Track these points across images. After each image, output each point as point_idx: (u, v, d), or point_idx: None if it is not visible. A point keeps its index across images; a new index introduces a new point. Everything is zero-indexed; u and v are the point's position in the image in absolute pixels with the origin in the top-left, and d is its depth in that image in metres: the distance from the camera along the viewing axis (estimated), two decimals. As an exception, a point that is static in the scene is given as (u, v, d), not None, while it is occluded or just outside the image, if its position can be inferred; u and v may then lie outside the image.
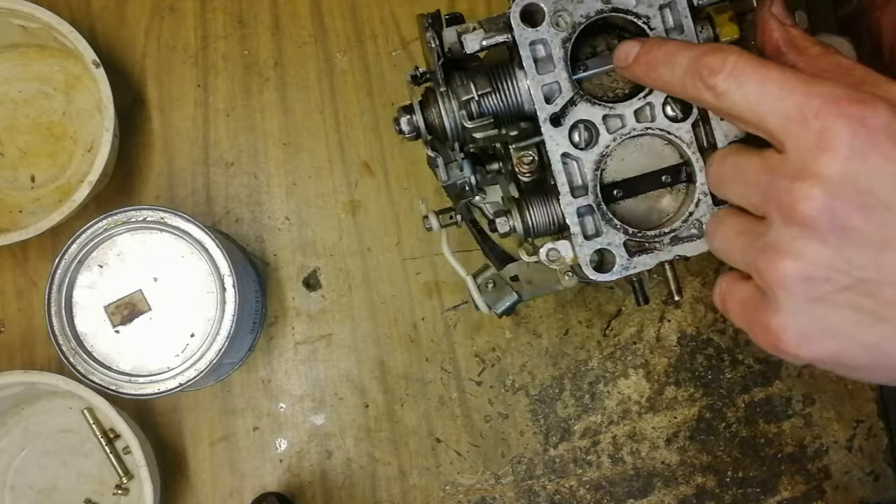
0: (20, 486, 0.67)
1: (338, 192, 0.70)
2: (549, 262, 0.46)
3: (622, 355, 0.70)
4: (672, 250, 0.46)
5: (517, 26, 0.44)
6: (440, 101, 0.47)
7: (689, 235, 0.46)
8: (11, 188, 0.70)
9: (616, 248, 0.46)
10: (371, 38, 0.71)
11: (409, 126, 0.49)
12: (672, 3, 0.45)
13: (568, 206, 0.46)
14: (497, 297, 0.57)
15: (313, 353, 0.69)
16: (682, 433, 0.70)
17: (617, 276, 0.46)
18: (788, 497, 0.70)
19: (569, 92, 0.45)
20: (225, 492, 0.68)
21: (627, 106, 0.45)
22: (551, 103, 0.45)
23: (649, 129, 0.46)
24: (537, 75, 0.45)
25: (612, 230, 0.46)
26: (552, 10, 0.44)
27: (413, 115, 0.49)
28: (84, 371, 0.59)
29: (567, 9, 0.45)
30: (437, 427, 0.69)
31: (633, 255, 0.46)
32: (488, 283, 0.58)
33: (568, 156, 0.46)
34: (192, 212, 0.65)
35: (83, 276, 0.60)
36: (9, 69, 0.70)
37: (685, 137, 0.46)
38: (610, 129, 0.46)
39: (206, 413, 0.69)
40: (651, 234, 0.46)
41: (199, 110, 0.71)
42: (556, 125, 0.45)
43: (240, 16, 0.71)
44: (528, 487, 0.69)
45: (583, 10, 0.45)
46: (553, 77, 0.45)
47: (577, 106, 0.45)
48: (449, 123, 0.47)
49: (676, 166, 0.47)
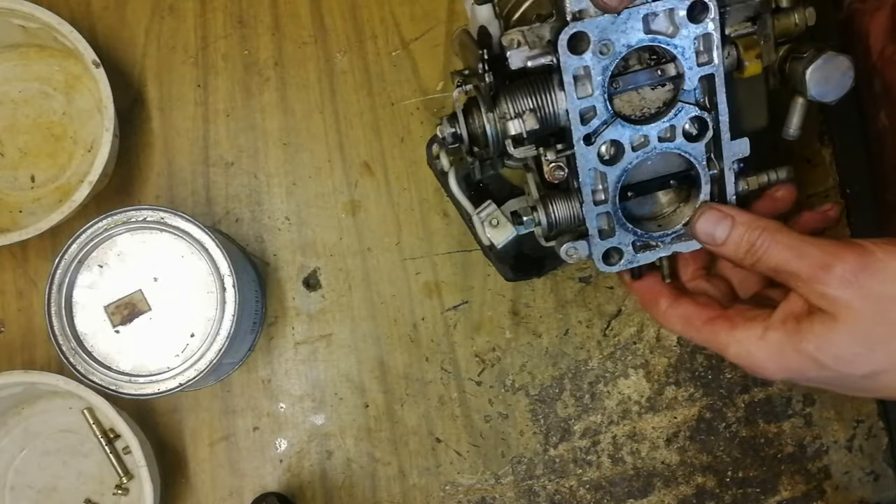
0: (20, 486, 0.67)
1: (338, 192, 0.70)
2: (568, 257, 0.51)
3: (622, 355, 0.70)
4: (671, 248, 0.52)
5: (563, 53, 0.47)
6: (486, 122, 0.50)
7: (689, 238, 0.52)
8: (11, 188, 0.70)
9: (625, 247, 0.51)
10: (371, 38, 0.71)
11: (453, 137, 0.52)
12: (707, 35, 0.47)
13: (589, 212, 0.50)
14: (499, 233, 0.61)
15: (313, 353, 0.69)
16: (682, 433, 0.70)
17: (622, 268, 0.52)
18: (788, 497, 0.70)
19: (603, 114, 0.48)
20: (225, 492, 0.68)
21: (653, 128, 0.49)
22: (586, 124, 0.48)
23: (668, 147, 0.50)
24: (576, 99, 0.48)
25: (623, 232, 0.51)
26: (598, 38, 0.47)
27: (457, 126, 0.52)
28: (84, 371, 0.59)
29: (611, 38, 0.47)
30: (437, 427, 0.69)
31: (637, 252, 0.52)
32: (492, 220, 0.61)
33: (594, 170, 0.50)
34: (192, 212, 0.65)
35: (83, 276, 0.60)
36: (9, 69, 0.70)
37: (699, 156, 0.50)
38: (635, 146, 0.49)
39: (206, 413, 0.69)
40: (657, 236, 0.51)
41: (199, 110, 0.71)
42: (588, 143, 0.49)
43: (240, 16, 0.71)
44: (528, 487, 0.69)
45: (625, 39, 0.47)
46: (591, 101, 0.48)
47: (610, 127, 0.49)
48: (491, 141, 0.51)
49: (683, 173, 0.51)
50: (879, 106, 0.68)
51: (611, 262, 0.52)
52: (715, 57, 0.48)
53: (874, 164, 0.71)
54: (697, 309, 0.50)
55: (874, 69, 0.67)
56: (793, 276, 0.45)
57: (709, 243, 0.49)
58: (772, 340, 0.46)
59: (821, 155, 0.72)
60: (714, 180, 0.51)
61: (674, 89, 0.50)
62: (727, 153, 0.50)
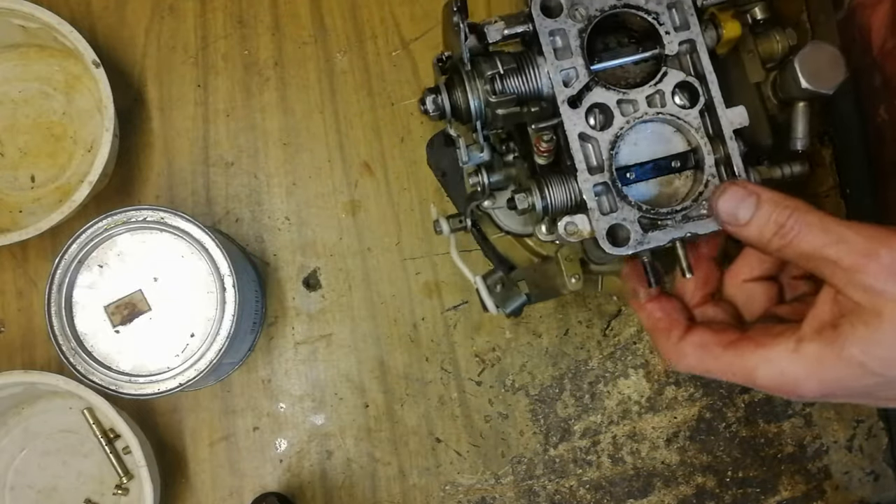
0: (20, 486, 0.67)
1: (338, 192, 0.70)
2: (568, 235, 0.48)
3: (622, 355, 0.70)
4: (684, 227, 0.48)
5: (537, 16, 0.48)
6: (466, 80, 0.50)
7: (699, 215, 0.48)
8: (11, 188, 0.70)
9: (631, 224, 0.47)
10: (371, 38, 0.71)
11: (434, 105, 0.51)
12: (678, 3, 0.48)
13: (585, 182, 0.48)
14: (506, 298, 0.59)
15: (313, 353, 0.69)
16: (682, 433, 0.70)
17: (632, 250, 0.47)
18: (788, 497, 0.70)
19: (585, 77, 0.48)
20: (225, 492, 0.68)
21: (640, 92, 0.48)
22: (569, 87, 0.48)
23: (660, 113, 0.48)
24: (556, 61, 0.48)
25: (626, 206, 0.48)
26: (569, 2, 0.48)
27: (439, 95, 0.51)
28: (84, 371, 0.59)
29: (583, 2, 0.48)
30: (437, 427, 0.69)
31: (646, 231, 0.47)
32: (497, 285, 0.60)
33: (584, 136, 0.48)
34: (192, 212, 0.65)
35: (83, 276, 0.60)
36: (9, 69, 0.70)
37: (693, 123, 0.48)
38: (624, 112, 0.48)
39: (206, 413, 0.69)
40: (664, 212, 0.48)
41: (199, 110, 0.71)
42: (574, 107, 0.48)
43: (240, 16, 0.71)
44: (528, 487, 0.69)
45: (598, 3, 0.48)
46: (570, 63, 0.48)
47: (593, 90, 0.48)
48: (473, 102, 0.50)
49: (685, 153, 0.49)
50: (879, 101, 0.68)
51: (618, 242, 0.48)
52: (692, 22, 0.48)
53: (874, 159, 0.71)
54: (714, 335, 0.45)
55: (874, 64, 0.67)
56: (828, 265, 0.40)
57: (731, 224, 0.44)
58: (808, 353, 0.40)
59: (821, 155, 0.72)
60: (720, 162, 0.49)
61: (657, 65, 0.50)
62: (724, 123, 0.48)
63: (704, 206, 0.48)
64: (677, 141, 0.50)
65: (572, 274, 0.58)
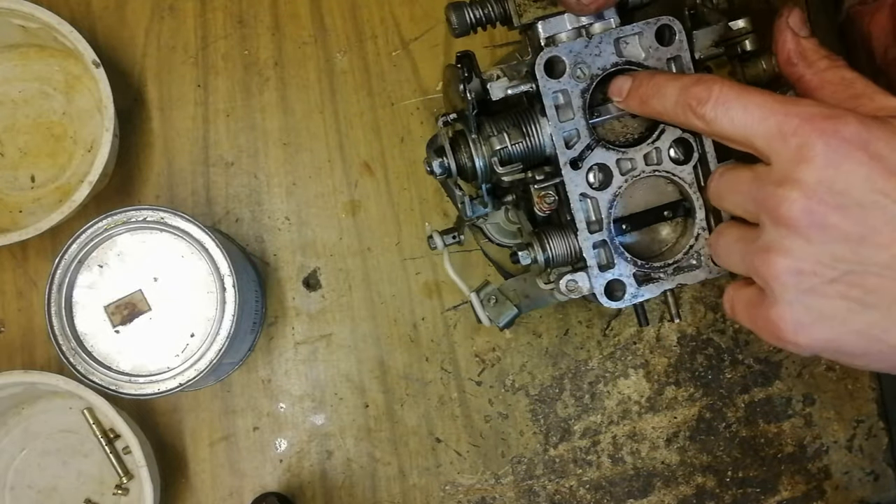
0: (20, 486, 0.67)
1: (338, 192, 0.70)
2: (569, 291, 0.50)
3: (622, 355, 0.70)
4: (674, 279, 0.51)
5: (541, 77, 0.48)
6: (472, 146, 0.51)
7: (689, 266, 0.51)
8: (11, 188, 0.70)
9: (627, 279, 0.50)
10: (371, 38, 0.71)
11: (441, 168, 0.52)
12: (677, 58, 0.49)
13: (585, 241, 0.50)
14: (499, 312, 0.61)
15: (313, 353, 0.69)
16: (682, 433, 0.70)
17: (627, 303, 0.50)
18: (788, 497, 0.70)
19: (587, 138, 0.49)
20: (225, 492, 0.68)
21: (638, 150, 0.50)
22: (570, 148, 0.49)
23: (656, 171, 0.50)
24: (559, 123, 0.49)
25: (623, 262, 0.50)
26: (573, 62, 0.48)
27: (445, 157, 0.52)
28: (84, 371, 0.59)
29: (586, 61, 0.48)
30: (437, 427, 0.69)
31: (640, 285, 0.50)
32: (490, 299, 0.61)
33: (584, 196, 0.50)
34: (192, 212, 0.65)
35: (83, 276, 0.60)
36: (9, 69, 0.70)
37: (687, 178, 0.50)
38: (622, 170, 0.50)
39: (206, 413, 0.69)
40: (657, 266, 0.51)
41: (199, 110, 0.71)
42: (575, 168, 0.49)
43: (240, 16, 0.71)
44: (528, 487, 0.69)
45: (600, 62, 0.49)
46: (573, 125, 0.49)
47: (594, 151, 0.49)
48: (480, 166, 0.51)
49: (677, 202, 0.51)
50: None
51: (615, 297, 0.50)
52: None
53: None
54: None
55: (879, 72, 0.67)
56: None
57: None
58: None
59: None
60: (709, 209, 0.50)
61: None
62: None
63: (695, 257, 0.51)
64: (669, 190, 0.51)
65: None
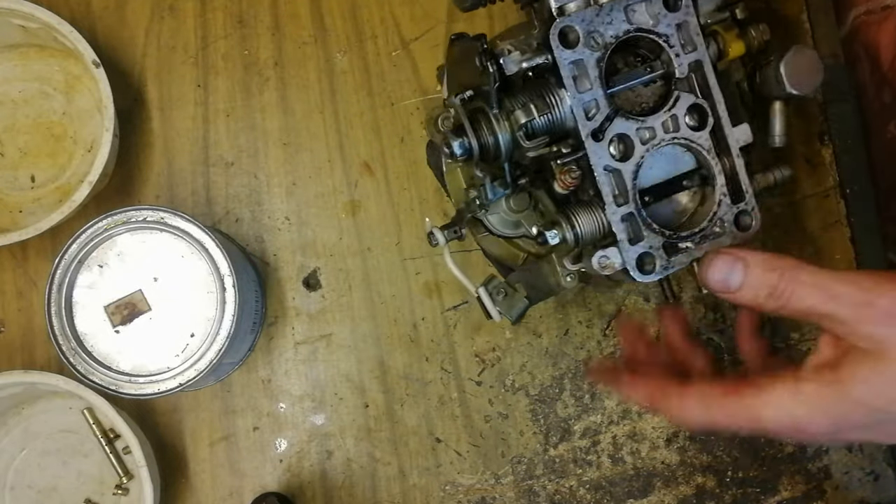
0: (20, 486, 0.67)
1: (338, 192, 0.70)
2: (601, 268, 0.49)
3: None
4: (701, 248, 0.50)
5: (557, 48, 0.47)
6: (494, 122, 0.49)
7: (714, 233, 0.50)
8: (11, 188, 0.70)
9: (656, 251, 0.49)
10: (371, 38, 0.71)
11: (462, 149, 0.50)
12: (684, 23, 0.49)
13: (613, 214, 0.49)
14: (510, 305, 0.60)
15: (313, 353, 0.69)
16: (682, 433, 0.70)
17: (660, 276, 0.49)
18: (788, 497, 0.70)
19: (605, 108, 0.48)
20: (225, 492, 0.68)
21: (656, 118, 0.49)
22: (591, 119, 0.48)
23: (675, 138, 0.49)
24: (577, 94, 0.48)
25: (651, 234, 0.49)
26: (585, 31, 0.48)
27: (466, 137, 0.50)
28: (84, 371, 0.59)
29: (598, 30, 0.48)
30: (437, 427, 0.69)
31: (670, 256, 0.49)
32: (499, 292, 0.60)
33: (608, 168, 0.49)
34: (192, 212, 0.65)
35: (83, 276, 0.60)
36: (9, 69, 0.70)
37: (705, 144, 0.50)
38: (643, 140, 0.49)
39: (206, 413, 0.69)
40: (685, 235, 0.50)
41: (199, 110, 0.71)
42: (597, 140, 0.48)
43: (240, 16, 0.71)
44: (528, 487, 0.69)
45: (612, 30, 0.48)
46: (591, 95, 0.48)
47: (614, 121, 0.48)
48: (504, 142, 0.50)
49: (695, 170, 0.51)
50: (890, 117, 0.67)
51: (646, 269, 0.49)
52: (697, 42, 0.49)
53: (885, 175, 0.71)
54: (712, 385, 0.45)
55: (884, 80, 0.67)
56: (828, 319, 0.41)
57: (723, 292, 0.44)
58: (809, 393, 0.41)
59: (821, 155, 0.72)
60: (727, 176, 0.50)
61: (665, 84, 0.50)
62: (731, 141, 0.50)
63: (718, 224, 0.50)
64: (686, 159, 0.51)
65: (567, 273, 0.58)
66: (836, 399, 0.41)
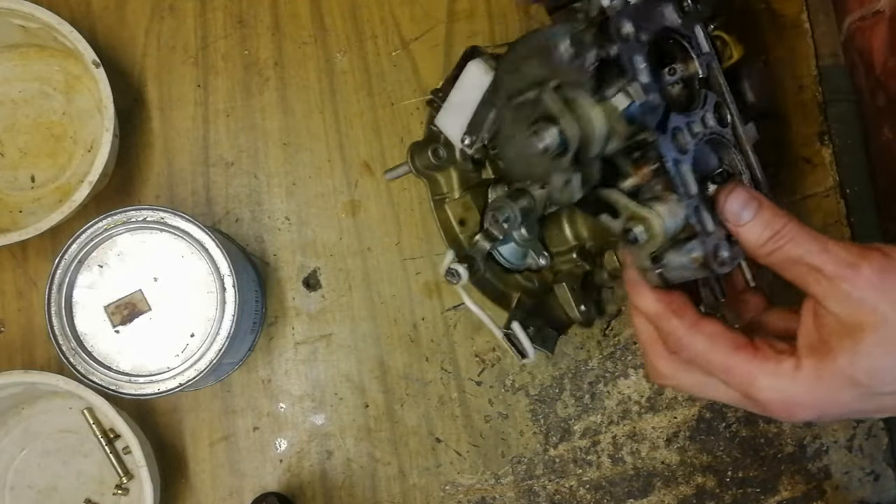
0: (20, 486, 0.67)
1: (338, 192, 0.70)
2: (693, 261, 0.47)
3: (622, 355, 0.70)
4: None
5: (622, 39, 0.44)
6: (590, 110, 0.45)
7: None
8: (11, 188, 0.70)
9: (723, 242, 0.47)
10: (371, 38, 0.71)
11: (555, 140, 0.45)
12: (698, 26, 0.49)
13: (688, 207, 0.47)
14: (542, 338, 0.58)
15: (313, 353, 0.69)
16: (682, 433, 0.70)
17: (733, 266, 0.47)
18: (788, 497, 0.70)
19: (660, 99, 0.45)
20: (225, 492, 0.68)
21: (697, 114, 0.49)
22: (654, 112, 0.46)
23: (713, 132, 0.50)
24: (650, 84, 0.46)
25: (717, 226, 0.47)
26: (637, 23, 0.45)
27: (558, 125, 0.45)
28: (84, 371, 0.59)
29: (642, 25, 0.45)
30: (437, 427, 0.69)
31: (733, 246, 0.47)
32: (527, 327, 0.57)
33: (676, 161, 0.47)
34: (192, 212, 0.65)
35: (83, 276, 0.60)
36: (9, 69, 0.70)
37: (731, 140, 0.51)
38: (692, 133, 0.48)
39: (206, 413, 0.69)
40: None
41: (199, 110, 0.71)
42: (664, 132, 0.47)
43: (240, 16, 0.71)
44: (528, 487, 0.69)
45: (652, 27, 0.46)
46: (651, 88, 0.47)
47: (671, 115, 0.47)
48: (600, 131, 0.45)
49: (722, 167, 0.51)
50: (884, 120, 0.68)
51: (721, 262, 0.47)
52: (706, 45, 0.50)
53: (881, 178, 0.71)
54: (727, 331, 0.45)
55: (878, 83, 0.67)
56: (814, 271, 0.42)
57: (733, 223, 0.46)
58: (807, 368, 0.42)
59: (821, 155, 0.72)
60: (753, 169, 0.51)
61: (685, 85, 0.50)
62: (743, 140, 0.51)
63: None
64: (712, 157, 0.51)
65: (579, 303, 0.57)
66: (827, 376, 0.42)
